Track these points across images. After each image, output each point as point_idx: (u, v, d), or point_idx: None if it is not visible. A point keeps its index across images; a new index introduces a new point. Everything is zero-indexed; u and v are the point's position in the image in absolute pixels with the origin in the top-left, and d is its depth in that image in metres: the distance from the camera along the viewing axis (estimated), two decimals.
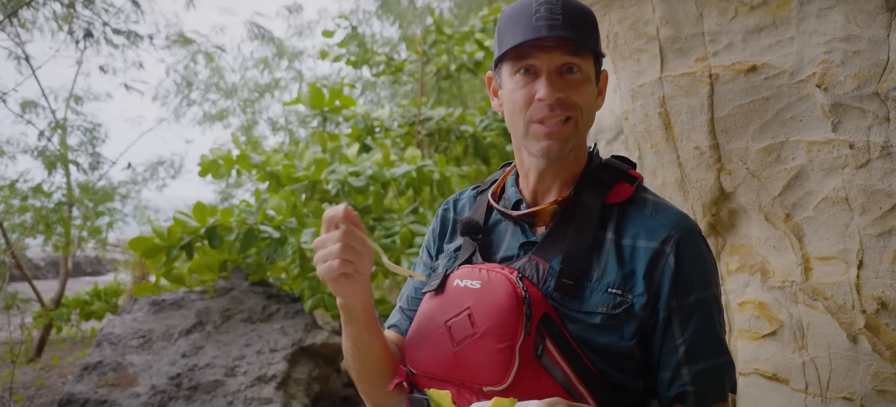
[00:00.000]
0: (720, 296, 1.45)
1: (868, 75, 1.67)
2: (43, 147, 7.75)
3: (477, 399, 1.34)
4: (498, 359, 1.31)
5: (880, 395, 1.77)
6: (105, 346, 5.05)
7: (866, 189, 1.72)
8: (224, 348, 4.94)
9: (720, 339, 1.41)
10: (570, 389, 1.33)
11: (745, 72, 1.90)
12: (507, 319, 1.32)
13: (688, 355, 1.37)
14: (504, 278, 1.37)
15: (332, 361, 5.38)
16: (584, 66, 1.41)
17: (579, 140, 1.46)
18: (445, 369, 1.39)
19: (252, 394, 4.52)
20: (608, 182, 1.48)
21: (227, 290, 5.62)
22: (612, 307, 1.36)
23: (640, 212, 1.44)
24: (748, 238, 2.04)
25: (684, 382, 1.38)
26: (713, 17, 1.96)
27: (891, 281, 1.72)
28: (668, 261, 1.37)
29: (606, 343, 1.36)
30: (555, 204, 1.46)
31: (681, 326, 1.37)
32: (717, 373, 1.39)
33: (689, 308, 1.37)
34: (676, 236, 1.38)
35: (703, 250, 1.43)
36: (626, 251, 1.40)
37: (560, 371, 1.33)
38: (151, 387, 4.53)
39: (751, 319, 2.05)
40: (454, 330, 1.38)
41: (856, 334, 1.80)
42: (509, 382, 1.31)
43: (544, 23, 1.37)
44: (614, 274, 1.38)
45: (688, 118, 2.05)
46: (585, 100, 1.42)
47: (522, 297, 1.34)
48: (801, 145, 1.83)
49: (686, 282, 1.37)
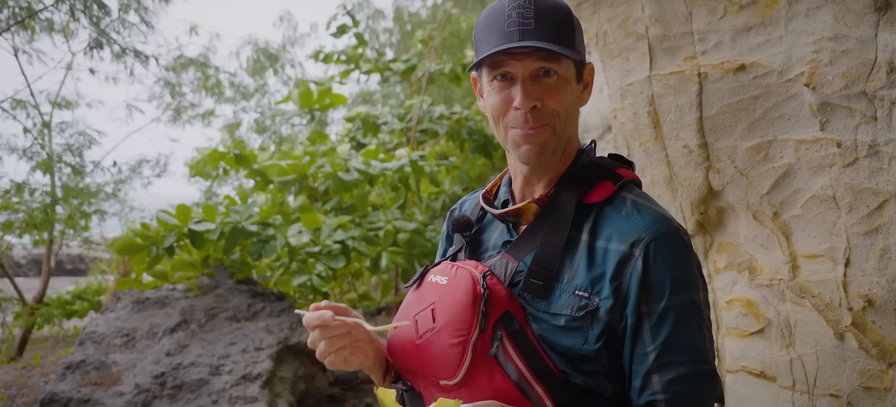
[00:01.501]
0: (701, 302, 1.38)
1: (856, 75, 1.68)
2: (28, 146, 7.69)
3: (438, 391, 1.39)
4: (451, 353, 1.34)
5: (867, 392, 1.79)
6: (88, 344, 5.01)
7: (854, 188, 1.73)
8: (209, 347, 4.91)
9: (697, 346, 1.34)
10: (524, 388, 1.33)
11: (733, 71, 1.91)
12: (463, 314, 1.34)
13: (658, 362, 1.32)
14: (468, 275, 1.38)
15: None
16: (560, 69, 1.39)
17: (560, 144, 1.44)
18: (410, 360, 1.44)
19: (237, 393, 4.50)
20: (590, 181, 1.45)
21: (212, 288, 5.59)
22: (576, 309, 1.34)
23: (618, 213, 1.40)
24: (736, 236, 2.06)
25: (655, 390, 1.32)
26: (702, 16, 1.97)
27: (877, 279, 1.73)
28: (636, 265, 1.32)
29: (570, 345, 1.34)
30: (532, 203, 1.46)
31: (651, 333, 1.32)
32: (692, 382, 1.33)
33: (660, 314, 1.32)
34: (647, 239, 1.33)
35: (677, 255, 1.36)
36: (598, 253, 1.37)
37: (515, 369, 1.34)
38: (135, 386, 4.50)
39: (738, 317, 2.06)
40: (419, 323, 1.42)
41: (843, 332, 1.82)
42: (461, 377, 1.34)
43: (516, 28, 1.36)
44: (583, 276, 1.36)
45: (676, 117, 2.05)
46: (563, 103, 1.41)
47: (480, 294, 1.35)
48: (789, 144, 1.84)
49: (655, 287, 1.32)
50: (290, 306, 5.48)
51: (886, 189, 1.68)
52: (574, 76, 1.43)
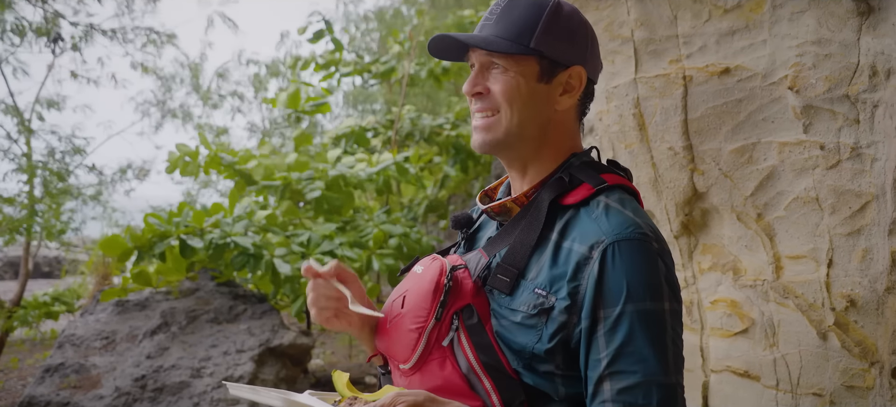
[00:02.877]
0: (665, 312, 1.31)
1: (839, 78, 1.71)
2: (7, 149, 7.61)
3: (397, 375, 1.47)
4: (408, 338, 1.40)
5: (849, 390, 1.81)
6: (67, 347, 4.96)
7: (836, 189, 1.76)
8: (190, 349, 4.88)
9: (654, 356, 1.27)
10: (472, 381, 1.36)
11: (718, 74, 1.93)
12: (423, 302, 1.40)
13: (610, 370, 1.27)
14: (438, 266, 1.43)
15: (300, 361, 5.35)
16: (509, 64, 1.41)
17: (510, 137, 1.44)
18: (381, 343, 1.53)
19: (219, 395, 4.47)
20: (571, 183, 1.44)
21: (193, 290, 5.56)
22: (532, 307, 1.34)
23: (589, 215, 1.38)
24: (720, 237, 2.08)
25: (605, 398, 1.27)
26: (687, 19, 1.99)
27: (859, 279, 1.76)
28: (593, 268, 1.30)
29: (523, 343, 1.34)
30: (512, 201, 1.48)
31: (605, 339, 1.28)
32: (646, 392, 1.25)
33: (615, 320, 1.28)
34: (606, 243, 1.30)
35: (638, 260, 1.31)
36: (563, 253, 1.36)
37: (466, 361, 1.36)
38: (115, 389, 4.46)
39: (723, 317, 2.08)
40: (392, 308, 1.49)
41: (825, 332, 1.84)
42: (413, 362, 1.40)
43: (483, 22, 1.46)
44: (545, 274, 1.35)
45: (662, 119, 2.07)
46: (510, 96, 1.41)
47: (443, 284, 1.39)
48: (773, 146, 1.87)
49: (611, 292, 1.28)
50: (271, 308, 5.46)
51: (869, 191, 1.71)
52: (534, 74, 1.43)
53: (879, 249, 1.72)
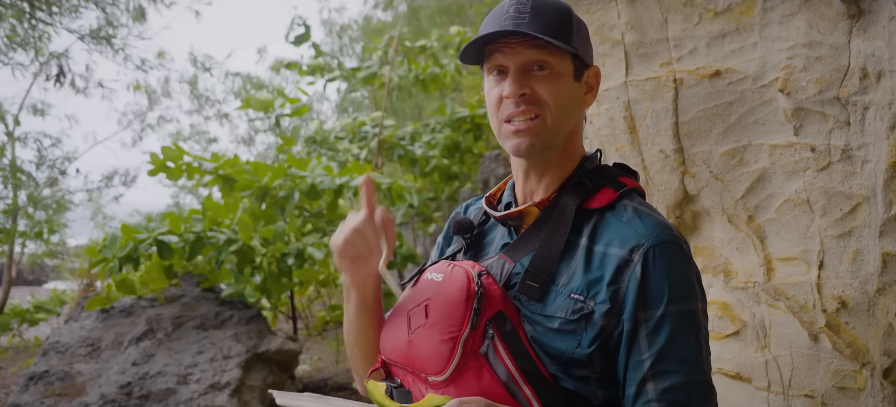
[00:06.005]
0: (699, 312, 1.36)
1: (829, 80, 1.72)
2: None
3: (426, 388, 1.37)
4: (441, 349, 1.33)
5: (840, 392, 1.82)
6: (52, 355, 4.91)
7: (827, 191, 1.77)
8: (176, 356, 4.84)
9: (694, 356, 1.32)
10: (513, 389, 1.32)
11: (709, 77, 1.94)
12: (455, 311, 1.33)
13: (654, 370, 1.30)
14: (463, 273, 1.37)
15: (287, 367, 5.32)
16: (553, 63, 1.40)
17: (554, 138, 1.44)
18: (400, 356, 1.42)
19: (205, 402, 4.44)
20: (592, 187, 1.44)
21: (178, 297, 5.51)
22: (571, 313, 1.33)
23: (618, 219, 1.39)
24: (711, 240, 2.08)
25: (649, 398, 1.30)
26: (678, 22, 1.99)
27: (850, 281, 1.77)
28: (635, 270, 1.31)
29: (562, 348, 1.34)
30: (533, 206, 1.46)
31: (647, 340, 1.31)
32: (688, 391, 1.30)
33: (657, 321, 1.30)
34: (647, 245, 1.33)
35: (677, 263, 1.34)
36: (596, 258, 1.36)
37: (504, 369, 1.33)
38: (101, 396, 4.42)
39: (714, 320, 2.08)
40: (412, 319, 1.41)
41: (817, 333, 1.85)
42: (449, 373, 1.32)
43: (511, 21, 1.39)
44: (580, 280, 1.35)
45: (652, 122, 2.08)
46: (555, 96, 1.40)
47: (474, 291, 1.33)
48: (764, 149, 1.87)
49: (653, 293, 1.31)
50: (257, 314, 5.42)
51: (859, 193, 1.72)
52: (571, 72, 1.43)
53: (870, 251, 1.73)
